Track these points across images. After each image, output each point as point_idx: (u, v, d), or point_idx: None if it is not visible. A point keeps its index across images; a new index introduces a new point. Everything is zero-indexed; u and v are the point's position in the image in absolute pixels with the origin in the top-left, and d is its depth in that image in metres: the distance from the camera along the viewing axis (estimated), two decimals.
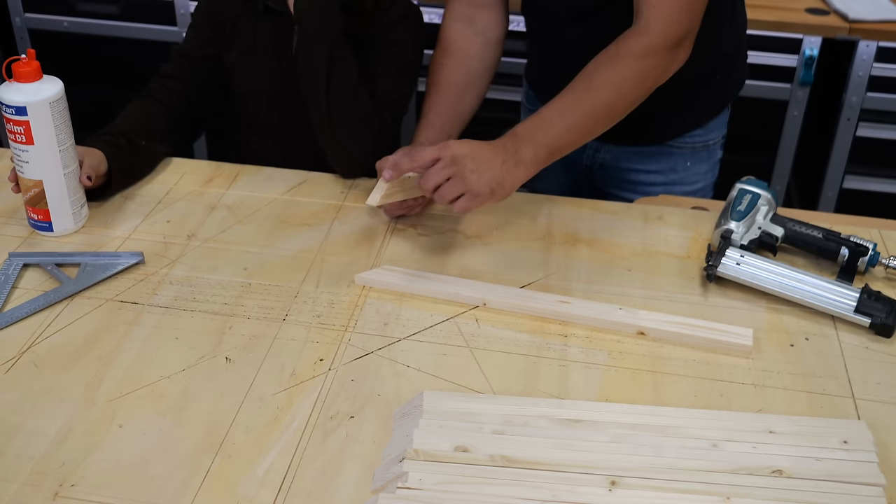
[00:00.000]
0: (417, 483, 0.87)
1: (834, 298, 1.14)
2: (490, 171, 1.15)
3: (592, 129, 1.22)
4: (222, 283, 1.19)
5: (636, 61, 1.20)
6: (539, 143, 1.18)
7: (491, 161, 1.16)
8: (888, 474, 0.90)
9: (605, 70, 1.20)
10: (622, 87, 1.20)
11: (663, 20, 1.20)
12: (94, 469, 0.90)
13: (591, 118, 1.21)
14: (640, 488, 0.87)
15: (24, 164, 1.23)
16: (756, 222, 1.25)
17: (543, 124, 1.20)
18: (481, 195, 1.15)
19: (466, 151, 1.15)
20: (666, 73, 1.23)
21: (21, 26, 2.72)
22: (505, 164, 1.16)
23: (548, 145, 1.19)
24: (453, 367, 1.05)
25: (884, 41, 2.33)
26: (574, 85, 1.21)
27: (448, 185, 1.14)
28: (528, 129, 1.20)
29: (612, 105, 1.21)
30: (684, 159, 1.50)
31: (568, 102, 1.20)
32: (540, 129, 1.19)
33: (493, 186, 1.15)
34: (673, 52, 1.21)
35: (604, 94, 1.20)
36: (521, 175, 1.18)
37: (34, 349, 1.06)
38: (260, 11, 1.48)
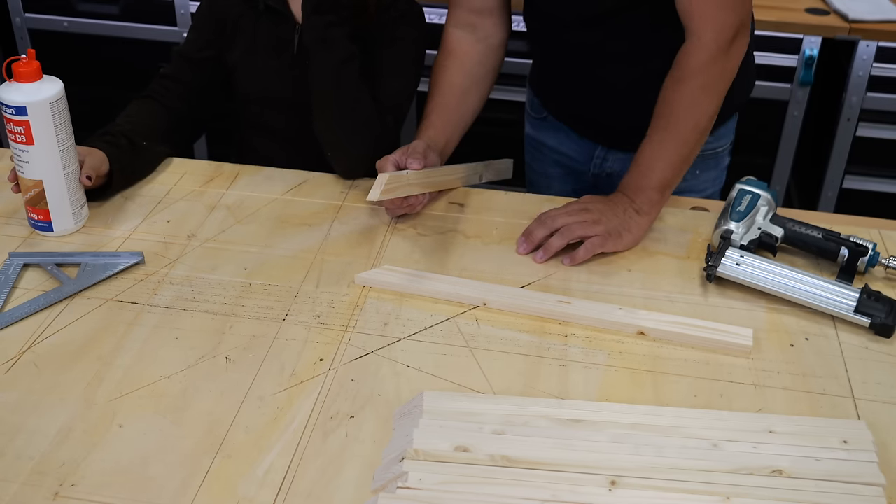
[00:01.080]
0: (417, 483, 0.87)
1: (834, 298, 1.14)
2: (617, 221, 1.24)
3: (689, 154, 1.28)
4: (222, 283, 1.19)
5: (702, 75, 1.23)
6: (647, 188, 1.26)
7: (615, 212, 1.25)
8: (888, 474, 0.90)
9: (677, 96, 1.24)
10: (700, 105, 1.25)
11: (715, 29, 1.22)
12: (94, 469, 0.90)
13: (684, 145, 1.26)
14: (640, 488, 0.87)
15: (24, 164, 1.23)
16: (756, 222, 1.25)
17: (643, 171, 1.27)
18: (610, 238, 1.23)
19: (594, 206, 1.25)
20: (733, 70, 1.26)
21: (21, 26, 2.72)
22: (626, 213, 1.25)
23: (655, 187, 1.26)
24: (453, 367, 1.05)
25: (884, 41, 2.33)
26: (655, 123, 1.26)
27: (574, 224, 1.23)
28: (631, 181, 1.28)
29: (697, 125, 1.26)
30: (693, 168, 1.47)
31: (657, 141, 1.26)
32: (642, 177, 1.27)
33: (621, 231, 1.24)
34: (731, 50, 1.24)
35: (685, 119, 1.25)
36: (646, 222, 1.27)
37: (34, 349, 1.06)
38: (260, 11, 1.49)
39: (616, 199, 1.27)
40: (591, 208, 1.25)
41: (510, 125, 1.33)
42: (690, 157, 1.28)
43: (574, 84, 1.44)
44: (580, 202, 1.27)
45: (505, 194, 1.41)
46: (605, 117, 1.47)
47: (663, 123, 1.26)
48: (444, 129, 1.39)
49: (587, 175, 1.57)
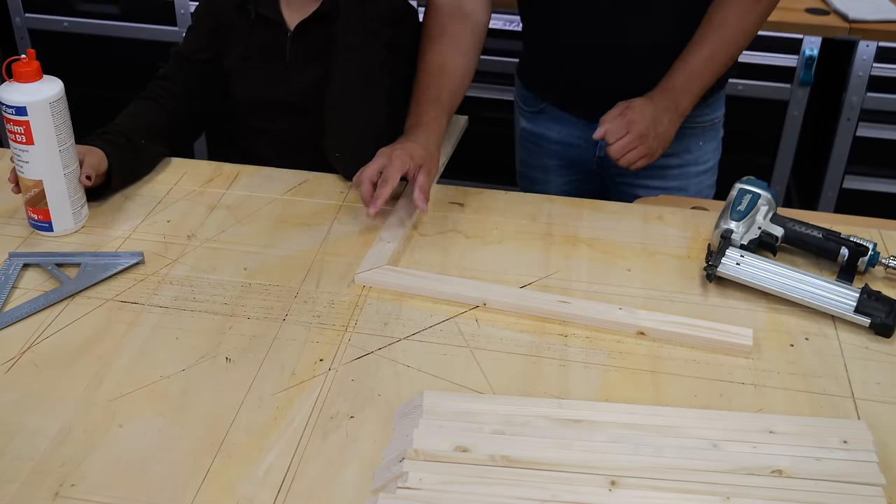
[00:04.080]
0: (417, 483, 0.87)
1: (834, 298, 1.14)
2: (664, 132, 1.36)
3: (728, 67, 1.42)
4: (222, 283, 1.19)
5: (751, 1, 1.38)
6: (693, 93, 1.38)
7: (663, 122, 1.35)
8: (888, 474, 0.90)
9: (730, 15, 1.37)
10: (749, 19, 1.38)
11: None
12: (94, 469, 0.90)
13: (730, 58, 1.40)
14: (640, 488, 0.87)
15: (24, 164, 1.23)
16: (756, 222, 1.25)
17: (694, 77, 1.38)
18: (656, 154, 1.37)
19: (649, 124, 1.34)
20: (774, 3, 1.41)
21: (21, 26, 2.72)
22: (671, 121, 1.36)
23: (697, 94, 1.39)
24: (453, 367, 1.05)
25: (884, 41, 2.33)
26: (707, 33, 1.38)
27: (633, 153, 1.35)
28: (683, 83, 1.38)
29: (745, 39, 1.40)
30: (696, 139, 1.55)
31: (708, 54, 1.38)
32: (693, 81, 1.38)
33: (663, 144, 1.37)
34: None
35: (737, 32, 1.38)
36: (679, 124, 1.39)
37: (34, 349, 1.06)
38: (252, 19, 1.48)
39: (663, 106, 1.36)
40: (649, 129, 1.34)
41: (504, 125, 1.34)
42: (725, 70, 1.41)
43: (582, 56, 1.46)
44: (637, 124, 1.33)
45: (505, 194, 1.41)
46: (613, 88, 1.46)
47: (715, 35, 1.37)
48: (444, 123, 1.40)
49: (591, 163, 1.58)
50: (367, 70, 1.39)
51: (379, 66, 1.40)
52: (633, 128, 1.33)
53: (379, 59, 1.40)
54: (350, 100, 1.40)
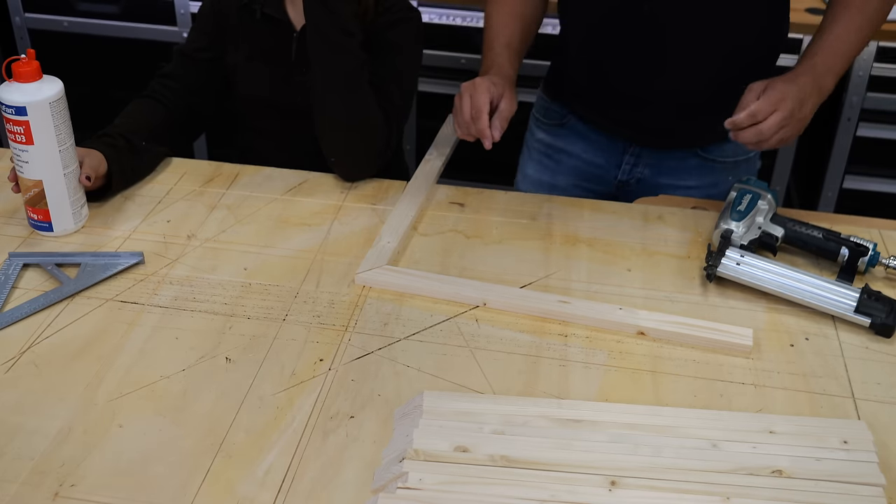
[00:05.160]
0: (417, 483, 0.87)
1: (834, 298, 1.14)
2: (806, 113, 1.27)
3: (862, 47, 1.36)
4: (222, 283, 1.19)
5: None
6: (836, 73, 1.31)
7: (807, 104, 1.27)
8: (888, 474, 0.90)
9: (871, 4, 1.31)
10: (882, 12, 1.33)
11: None
12: (94, 469, 0.90)
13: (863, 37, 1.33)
14: (639, 488, 0.87)
15: (24, 164, 1.23)
16: (756, 222, 1.25)
17: (839, 55, 1.31)
18: (795, 136, 1.28)
19: (796, 105, 1.25)
20: None
21: (21, 26, 2.72)
22: (813, 102, 1.28)
23: (839, 73, 1.32)
24: (453, 367, 1.05)
25: (884, 41, 2.33)
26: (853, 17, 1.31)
27: (777, 136, 1.25)
28: (827, 60, 1.31)
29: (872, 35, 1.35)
30: (726, 174, 1.49)
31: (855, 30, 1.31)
32: (835, 58, 1.31)
33: (805, 125, 1.28)
34: None
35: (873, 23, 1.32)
36: (819, 103, 1.30)
37: (34, 349, 1.06)
38: (258, 18, 1.48)
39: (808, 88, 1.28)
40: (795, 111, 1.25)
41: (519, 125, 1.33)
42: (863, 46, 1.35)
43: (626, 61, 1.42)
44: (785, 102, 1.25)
45: (505, 194, 1.41)
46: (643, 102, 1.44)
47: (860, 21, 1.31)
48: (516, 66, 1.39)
49: (611, 182, 1.53)
50: (346, 73, 1.38)
51: (360, 68, 1.39)
52: (783, 105, 1.24)
53: (358, 61, 1.39)
54: (333, 104, 1.40)
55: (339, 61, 1.38)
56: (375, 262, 1.21)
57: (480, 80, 1.30)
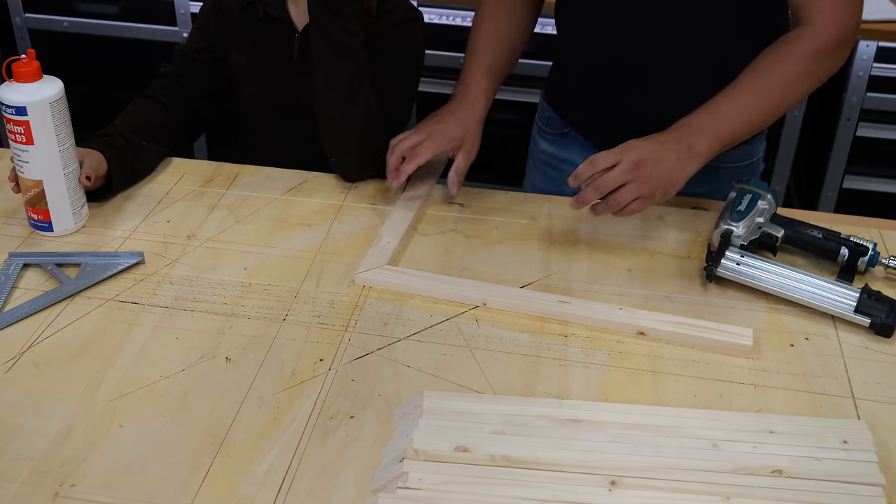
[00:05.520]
0: (417, 483, 0.87)
1: (834, 298, 1.14)
2: (666, 172, 1.17)
3: (762, 125, 1.26)
4: (222, 283, 1.19)
5: (809, 62, 1.22)
6: (715, 137, 1.20)
7: (667, 161, 1.17)
8: (888, 474, 0.90)
9: (779, 68, 1.21)
10: (797, 86, 1.23)
11: (829, 22, 1.21)
12: (94, 469, 0.90)
13: (765, 114, 1.23)
14: (640, 488, 0.87)
15: (24, 164, 1.23)
16: (756, 222, 1.25)
17: (720, 119, 1.21)
18: (654, 197, 1.17)
19: (647, 155, 1.16)
20: (833, 71, 1.25)
21: (21, 26, 2.72)
22: (679, 160, 1.18)
23: (722, 139, 1.21)
24: (453, 367, 1.05)
25: (884, 41, 2.33)
26: (746, 81, 1.22)
27: (625, 190, 1.16)
28: (704, 122, 1.21)
29: (784, 103, 1.24)
30: (730, 179, 1.43)
31: (744, 99, 1.22)
32: (716, 124, 1.21)
33: (666, 188, 1.18)
34: (842, 50, 1.23)
35: (777, 91, 1.22)
36: (692, 169, 1.19)
37: (34, 349, 1.06)
38: (260, 18, 1.48)
39: (670, 144, 1.19)
40: (645, 162, 1.16)
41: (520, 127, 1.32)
42: (758, 129, 1.27)
43: (618, 81, 1.40)
44: (635, 151, 1.17)
45: (505, 194, 1.41)
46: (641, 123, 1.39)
47: (756, 85, 1.22)
48: (492, 91, 1.37)
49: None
50: (348, 74, 1.38)
51: (362, 69, 1.39)
52: (627, 156, 1.16)
53: (361, 61, 1.39)
54: (335, 105, 1.40)
55: (341, 62, 1.37)
56: (375, 262, 1.21)
57: (438, 133, 1.30)
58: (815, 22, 1.22)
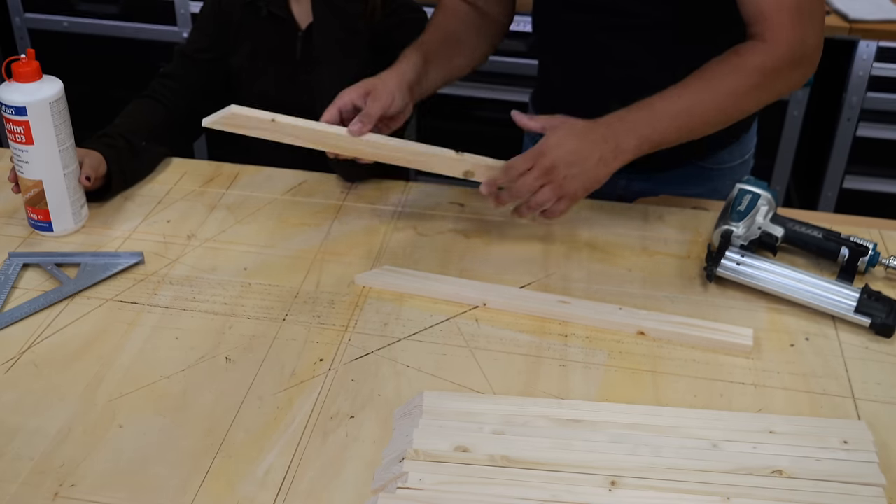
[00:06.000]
0: (417, 483, 0.87)
1: (834, 298, 1.14)
2: (586, 172, 1.13)
3: (696, 132, 1.19)
4: (222, 283, 1.19)
5: (758, 77, 1.16)
6: (644, 136, 1.14)
7: (588, 160, 1.13)
8: (888, 474, 0.90)
9: (725, 79, 1.16)
10: (743, 100, 1.17)
11: (782, 39, 1.16)
12: (94, 469, 0.90)
13: (703, 123, 1.18)
14: (639, 488, 0.87)
15: (24, 164, 1.23)
16: (756, 222, 1.25)
17: (654, 118, 1.15)
18: (577, 197, 1.14)
19: (563, 155, 1.12)
20: (792, 88, 1.20)
21: (21, 26, 2.72)
22: (602, 159, 1.13)
23: (652, 141, 1.15)
24: (453, 367, 1.05)
25: (884, 41, 2.33)
26: (690, 84, 1.16)
27: (542, 193, 1.13)
28: (635, 119, 1.15)
29: (728, 115, 1.19)
30: (724, 178, 1.44)
31: (682, 102, 1.16)
32: (649, 123, 1.15)
33: (587, 186, 1.14)
34: (799, 68, 1.17)
35: (720, 102, 1.17)
36: (616, 167, 1.15)
37: (34, 349, 1.06)
38: (263, 17, 1.48)
39: (595, 140, 1.13)
40: (561, 163, 1.12)
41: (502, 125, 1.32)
42: (695, 136, 1.19)
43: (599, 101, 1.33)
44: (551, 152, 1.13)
45: None
46: None
47: (697, 90, 1.16)
48: (421, 64, 1.27)
49: (611, 197, 1.47)
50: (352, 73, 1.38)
51: (365, 68, 1.39)
52: (540, 161, 1.12)
53: (364, 60, 1.38)
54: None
55: (345, 61, 1.38)
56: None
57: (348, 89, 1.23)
58: (766, 39, 1.17)
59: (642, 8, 1.28)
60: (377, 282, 1.19)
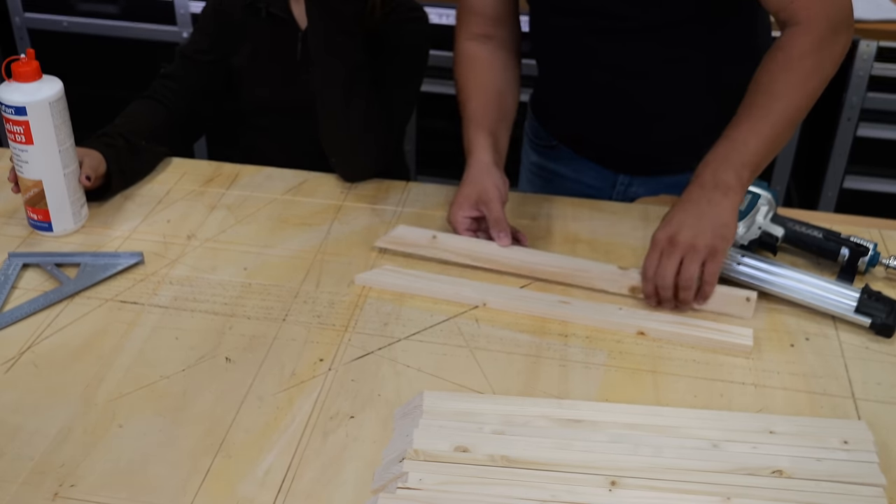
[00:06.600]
0: (417, 483, 0.87)
1: (834, 298, 1.14)
2: (707, 222, 1.11)
3: (784, 137, 1.18)
4: (222, 283, 1.19)
5: (811, 59, 1.16)
6: (738, 164, 1.14)
7: (700, 210, 1.12)
8: (888, 474, 0.90)
9: (783, 76, 1.16)
10: (806, 87, 1.17)
11: (817, 14, 1.16)
12: (94, 469, 0.90)
13: (781, 128, 1.17)
14: (639, 488, 0.87)
15: (24, 164, 1.23)
16: (756, 222, 1.24)
17: (737, 145, 1.15)
18: (717, 251, 1.11)
19: (676, 224, 1.12)
20: (840, 57, 1.19)
21: (21, 26, 2.72)
22: (711, 203, 1.12)
23: (747, 163, 1.14)
24: (453, 367, 1.05)
25: (884, 41, 2.33)
26: (754, 99, 1.17)
27: (685, 268, 1.11)
28: (720, 155, 1.15)
29: (798, 108, 1.17)
30: None
31: (756, 117, 1.15)
32: (733, 151, 1.14)
33: (720, 234, 1.11)
34: (841, 35, 1.17)
35: (790, 99, 1.16)
36: (732, 202, 1.13)
37: (34, 349, 1.06)
38: (263, 18, 1.48)
39: (694, 193, 1.13)
40: (678, 231, 1.11)
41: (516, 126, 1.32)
42: (784, 141, 1.18)
43: (590, 104, 1.37)
44: (663, 231, 1.13)
45: None
46: (624, 143, 1.41)
47: (765, 98, 1.15)
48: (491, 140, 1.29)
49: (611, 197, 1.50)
50: (346, 74, 1.38)
51: (360, 69, 1.39)
52: (661, 242, 1.12)
53: (359, 61, 1.38)
54: (334, 104, 1.39)
55: (338, 62, 1.37)
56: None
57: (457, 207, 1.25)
58: (802, 19, 1.17)
59: (631, 11, 1.28)
60: (377, 282, 1.19)
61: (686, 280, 1.11)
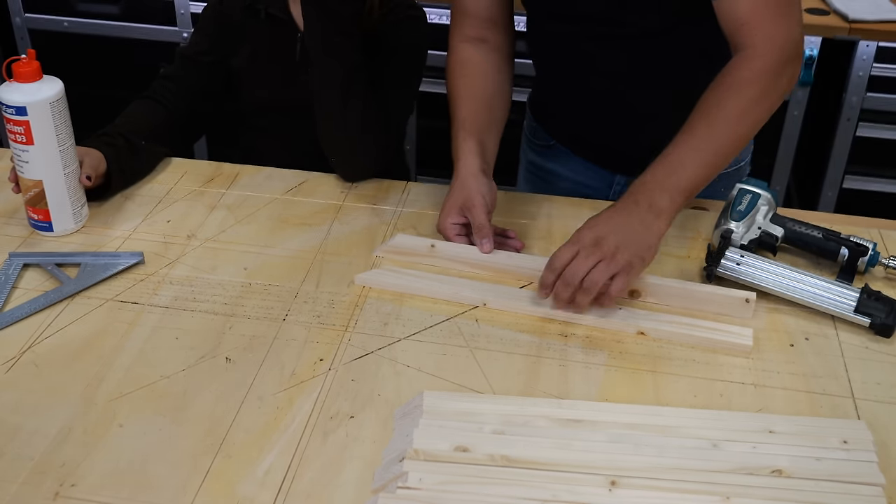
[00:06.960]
0: (417, 483, 0.87)
1: (834, 298, 1.14)
2: (632, 238, 1.10)
3: (722, 163, 1.17)
4: (222, 283, 1.19)
5: (758, 85, 1.15)
6: (673, 188, 1.13)
7: (628, 226, 1.11)
8: (888, 474, 0.90)
9: (725, 102, 1.15)
10: (752, 114, 1.16)
11: (771, 42, 1.15)
12: (94, 469, 0.90)
13: (722, 154, 1.16)
14: (640, 488, 0.87)
15: (24, 164, 1.23)
16: (756, 222, 1.25)
17: (674, 167, 1.14)
18: (633, 267, 1.10)
19: (603, 229, 1.11)
20: (788, 87, 1.19)
21: (21, 26, 2.72)
22: (642, 223, 1.11)
23: (683, 189, 1.13)
24: (453, 367, 1.05)
25: (884, 41, 2.33)
26: (694, 123, 1.15)
27: (595, 272, 1.08)
28: (657, 176, 1.14)
29: (739, 135, 1.17)
30: (718, 185, 1.39)
31: (695, 141, 1.15)
32: (671, 174, 1.14)
33: (640, 253, 1.10)
34: (790, 66, 1.17)
35: (730, 126, 1.15)
36: (662, 226, 1.12)
37: (34, 349, 1.06)
38: (262, 19, 1.49)
39: (628, 208, 1.13)
40: (604, 236, 1.10)
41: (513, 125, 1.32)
42: (721, 167, 1.18)
43: (588, 108, 1.37)
44: (590, 230, 1.12)
45: (505, 194, 1.41)
46: (622, 145, 1.41)
47: (705, 124, 1.15)
48: (478, 146, 1.28)
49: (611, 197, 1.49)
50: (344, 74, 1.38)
51: (358, 69, 1.39)
52: (583, 240, 1.10)
53: (357, 61, 1.38)
54: (332, 105, 1.39)
55: (336, 63, 1.37)
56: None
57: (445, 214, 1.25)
58: (751, 45, 1.16)
59: (629, 17, 1.27)
60: (377, 282, 1.19)
61: (591, 283, 1.09)
